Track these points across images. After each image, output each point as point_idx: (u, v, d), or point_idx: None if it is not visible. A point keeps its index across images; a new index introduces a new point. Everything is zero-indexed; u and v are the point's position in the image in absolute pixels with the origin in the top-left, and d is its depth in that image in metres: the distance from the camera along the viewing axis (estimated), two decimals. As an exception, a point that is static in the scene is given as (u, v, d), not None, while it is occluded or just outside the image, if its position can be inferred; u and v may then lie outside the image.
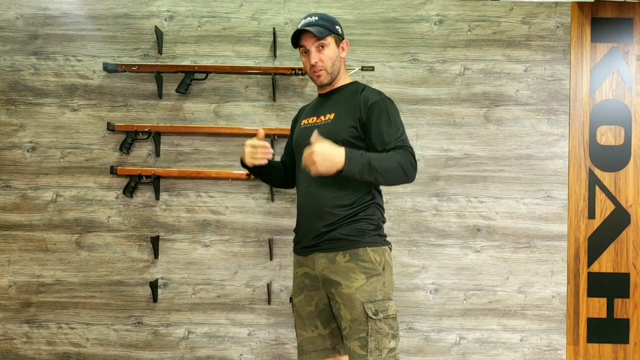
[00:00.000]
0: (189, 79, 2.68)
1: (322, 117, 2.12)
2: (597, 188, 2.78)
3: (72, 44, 2.76)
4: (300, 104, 2.74)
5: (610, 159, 2.79)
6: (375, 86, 2.73)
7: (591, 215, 2.78)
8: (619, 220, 2.79)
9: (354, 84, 2.18)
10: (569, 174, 2.77)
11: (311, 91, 2.74)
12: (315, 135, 1.91)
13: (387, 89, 2.73)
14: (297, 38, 2.11)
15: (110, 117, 2.75)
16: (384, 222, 2.14)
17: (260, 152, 2.09)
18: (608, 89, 2.80)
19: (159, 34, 2.71)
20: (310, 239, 2.08)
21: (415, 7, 2.76)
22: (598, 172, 2.79)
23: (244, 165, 2.16)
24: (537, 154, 2.76)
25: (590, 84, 2.79)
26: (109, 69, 2.70)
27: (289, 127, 2.71)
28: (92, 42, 2.76)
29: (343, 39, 2.15)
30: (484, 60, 2.76)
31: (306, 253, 2.11)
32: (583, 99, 2.79)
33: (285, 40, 2.74)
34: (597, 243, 2.78)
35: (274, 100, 2.73)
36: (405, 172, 1.95)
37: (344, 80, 2.18)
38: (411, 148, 2.01)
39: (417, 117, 2.75)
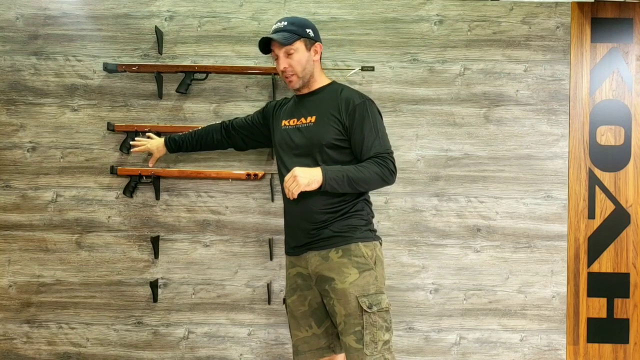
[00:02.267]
0: (189, 79, 2.69)
1: (303, 120, 2.16)
2: (597, 188, 2.78)
3: (72, 44, 2.76)
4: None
5: (610, 159, 2.79)
6: (375, 86, 2.73)
7: (591, 215, 2.78)
8: (619, 220, 2.79)
9: (333, 84, 2.23)
10: (568, 174, 2.77)
11: (311, 91, 2.74)
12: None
13: (387, 89, 2.73)
14: (268, 44, 2.17)
15: (110, 117, 2.75)
16: (373, 216, 2.20)
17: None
18: (608, 89, 2.80)
19: (159, 34, 2.71)
20: (302, 238, 2.11)
21: (415, 7, 2.76)
22: (598, 172, 2.79)
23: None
24: (537, 154, 2.76)
25: (590, 84, 2.79)
26: (109, 69, 2.70)
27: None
28: (92, 42, 2.76)
29: (316, 41, 2.18)
30: (484, 60, 2.76)
31: (299, 252, 2.13)
32: (583, 99, 2.79)
33: (285, 40, 2.74)
34: (597, 243, 2.78)
35: (274, 100, 2.73)
36: (384, 179, 2.08)
37: (321, 81, 2.22)
38: (390, 153, 2.11)
39: (417, 117, 2.75)
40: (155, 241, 2.72)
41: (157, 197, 2.73)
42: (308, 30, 2.15)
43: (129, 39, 2.76)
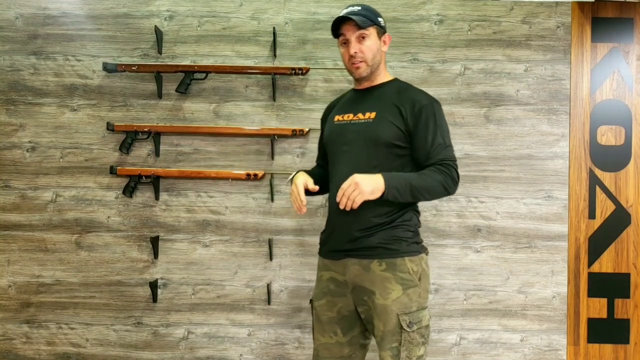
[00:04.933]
0: (189, 78, 2.68)
1: (361, 115, 2.01)
2: (597, 188, 2.78)
3: (71, 43, 2.76)
4: (301, 104, 2.74)
5: (611, 159, 2.78)
6: (375, 86, 2.72)
7: (591, 215, 2.78)
8: (619, 220, 2.78)
9: (396, 81, 2.10)
10: (569, 174, 2.76)
11: (311, 91, 2.74)
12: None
13: (387, 89, 2.73)
14: (337, 27, 2.01)
15: (110, 117, 2.75)
16: (420, 226, 2.06)
17: (297, 201, 2.00)
18: (608, 89, 2.79)
19: (158, 33, 2.71)
20: (343, 243, 1.98)
21: (415, 7, 2.76)
22: (598, 172, 2.78)
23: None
24: (538, 154, 2.75)
25: (591, 84, 2.79)
26: (108, 68, 2.70)
27: (289, 128, 2.71)
28: (92, 42, 2.75)
29: (385, 32, 2.06)
30: (484, 60, 2.75)
31: (337, 257, 2.01)
32: (583, 99, 2.78)
33: (285, 39, 2.73)
34: (598, 243, 2.78)
35: (274, 100, 2.73)
36: (447, 189, 1.93)
37: (384, 76, 2.08)
38: (455, 161, 1.97)
39: (417, 117, 2.75)
40: (154, 241, 2.71)
41: (157, 197, 2.73)
42: (380, 19, 2.03)
43: (129, 38, 2.75)
